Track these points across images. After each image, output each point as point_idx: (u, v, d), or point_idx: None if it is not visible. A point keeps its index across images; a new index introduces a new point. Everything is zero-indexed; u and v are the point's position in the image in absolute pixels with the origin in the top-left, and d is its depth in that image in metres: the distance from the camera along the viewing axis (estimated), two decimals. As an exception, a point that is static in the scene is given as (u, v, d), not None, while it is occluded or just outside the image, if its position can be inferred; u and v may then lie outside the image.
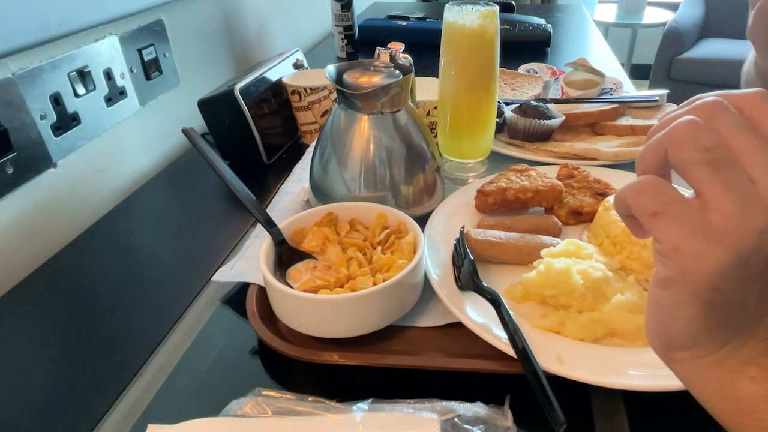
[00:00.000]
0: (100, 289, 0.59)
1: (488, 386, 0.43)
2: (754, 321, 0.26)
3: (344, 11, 1.32)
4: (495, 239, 0.55)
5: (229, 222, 0.69)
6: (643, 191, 0.26)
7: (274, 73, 0.87)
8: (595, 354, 0.44)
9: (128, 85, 0.78)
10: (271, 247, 0.52)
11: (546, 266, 0.48)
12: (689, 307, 0.26)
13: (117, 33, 0.76)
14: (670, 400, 0.39)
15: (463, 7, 0.65)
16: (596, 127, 0.86)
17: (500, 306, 0.46)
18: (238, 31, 1.12)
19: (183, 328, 0.53)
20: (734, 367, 0.27)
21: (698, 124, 0.25)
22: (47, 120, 0.65)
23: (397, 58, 0.62)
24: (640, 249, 0.52)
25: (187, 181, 0.82)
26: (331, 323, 0.47)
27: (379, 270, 0.50)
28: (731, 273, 0.24)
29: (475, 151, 0.74)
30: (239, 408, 0.41)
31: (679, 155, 0.25)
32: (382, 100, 0.58)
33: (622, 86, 0.98)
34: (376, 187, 0.59)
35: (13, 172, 0.61)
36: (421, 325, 0.50)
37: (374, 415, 0.40)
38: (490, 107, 0.71)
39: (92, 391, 0.46)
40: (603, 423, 0.41)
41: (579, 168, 0.69)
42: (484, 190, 0.63)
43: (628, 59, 3.34)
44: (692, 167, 0.25)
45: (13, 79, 0.60)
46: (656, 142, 0.26)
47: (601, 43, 1.45)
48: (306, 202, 0.69)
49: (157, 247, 0.67)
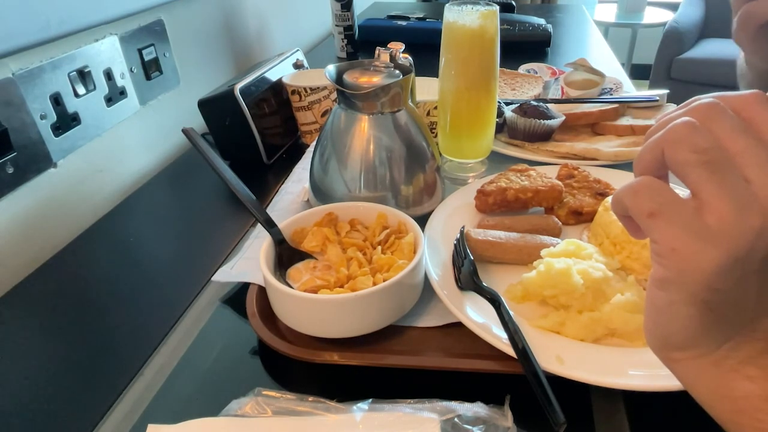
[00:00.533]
0: (100, 289, 0.59)
1: (488, 386, 0.43)
2: (752, 321, 0.27)
3: (344, 11, 1.32)
4: (495, 239, 0.55)
5: (229, 222, 0.69)
6: (640, 192, 0.26)
7: (274, 73, 0.87)
8: (595, 354, 0.44)
9: (128, 85, 0.78)
10: (271, 247, 0.52)
11: (546, 266, 0.48)
12: (686, 307, 0.26)
13: (117, 33, 0.76)
14: (670, 400, 0.39)
15: (463, 7, 0.65)
16: (596, 127, 0.86)
17: (500, 306, 0.46)
18: (238, 31, 1.12)
19: (183, 328, 0.53)
20: (732, 366, 0.27)
21: (695, 125, 0.25)
22: (47, 120, 0.65)
23: (397, 58, 0.62)
24: (640, 249, 0.52)
25: (187, 181, 0.82)
26: (331, 323, 0.47)
27: (379, 270, 0.50)
28: (728, 273, 0.24)
29: (475, 151, 0.74)
30: (239, 408, 0.41)
31: (676, 156, 0.25)
32: (382, 100, 0.58)
33: (622, 86, 0.98)
34: (376, 187, 0.59)
35: (13, 172, 0.61)
36: (421, 325, 0.50)
37: (374, 415, 0.40)
38: (490, 107, 0.71)
39: (92, 391, 0.46)
40: (603, 423, 0.41)
41: (579, 168, 0.69)
42: (484, 190, 0.63)
43: (628, 59, 3.34)
44: (688, 168, 0.25)
45: (13, 79, 0.60)
46: (653, 143, 0.26)
47: (601, 43, 1.45)
48: (306, 202, 0.69)
49: (157, 247, 0.67)
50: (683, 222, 0.25)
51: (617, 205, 0.28)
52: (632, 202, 0.26)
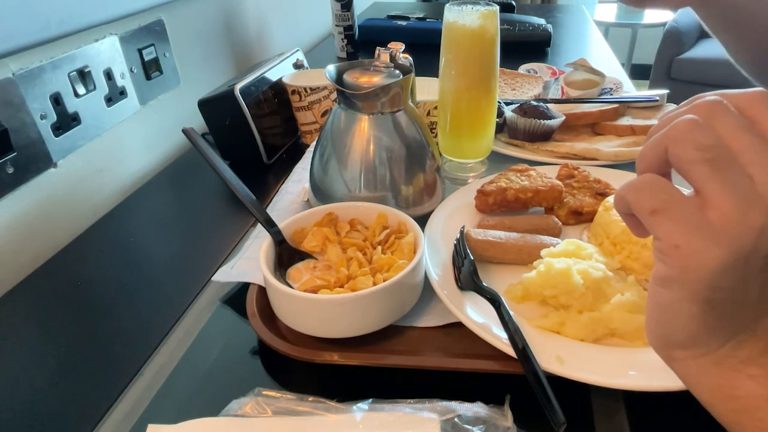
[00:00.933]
0: (100, 289, 0.59)
1: (488, 386, 0.43)
2: (754, 319, 0.27)
3: (344, 11, 1.32)
4: (495, 239, 0.55)
5: (229, 222, 0.69)
6: (643, 189, 0.26)
7: (274, 73, 0.87)
8: (595, 354, 0.44)
9: (128, 85, 0.78)
10: (271, 247, 0.52)
11: (546, 266, 0.48)
12: (689, 305, 0.26)
13: (117, 33, 0.76)
14: (670, 400, 0.39)
15: (463, 7, 0.65)
16: (596, 127, 0.86)
17: (500, 306, 0.46)
18: (238, 31, 1.12)
19: (183, 328, 0.53)
20: (734, 366, 0.27)
21: (698, 122, 0.25)
22: (47, 120, 0.65)
23: (397, 58, 0.62)
24: (640, 249, 0.52)
25: (187, 181, 0.82)
26: (331, 323, 0.47)
27: (379, 270, 0.50)
28: (730, 271, 0.24)
29: (475, 151, 0.74)
30: (239, 408, 0.41)
31: (679, 153, 0.25)
32: (382, 100, 0.58)
33: (622, 86, 0.98)
34: (376, 187, 0.59)
35: (13, 172, 0.61)
36: (421, 325, 0.50)
37: (374, 415, 0.40)
38: (490, 107, 0.71)
39: (92, 391, 0.46)
40: (603, 423, 0.41)
41: (579, 168, 0.69)
42: (484, 190, 0.63)
43: (628, 59, 3.34)
44: (692, 166, 0.25)
45: (14, 79, 0.60)
46: (656, 140, 0.26)
47: (601, 43, 1.45)
48: (306, 202, 0.69)
49: (157, 247, 0.67)
50: (686, 219, 0.25)
51: (620, 203, 0.28)
52: (635, 200, 0.26)
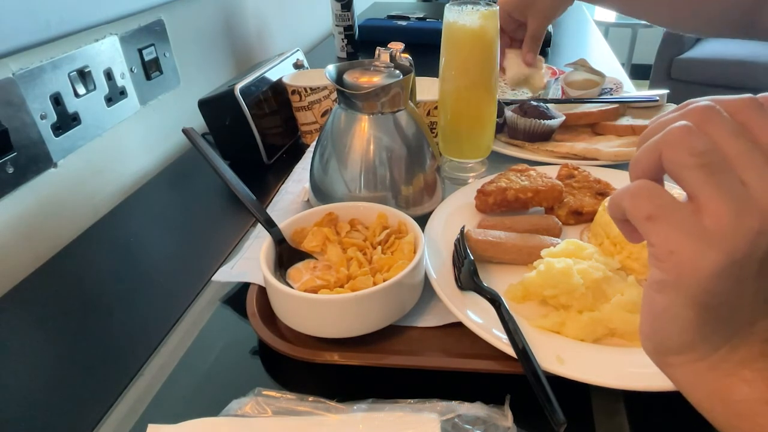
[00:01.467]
0: (100, 289, 0.59)
1: (488, 386, 0.43)
2: (749, 324, 0.27)
3: (344, 11, 1.32)
4: (495, 239, 0.55)
5: (229, 222, 0.69)
6: (638, 195, 0.26)
7: (274, 73, 0.87)
8: (595, 354, 0.44)
9: (128, 85, 0.78)
10: (271, 247, 0.52)
11: (546, 266, 0.48)
12: (684, 310, 0.26)
13: (117, 33, 0.76)
14: (670, 400, 0.39)
15: (463, 7, 0.65)
16: (596, 127, 0.86)
17: (500, 306, 0.46)
18: (238, 31, 1.12)
19: (183, 328, 0.53)
20: (729, 370, 0.27)
21: (692, 128, 0.25)
22: (47, 120, 0.65)
23: (397, 58, 0.62)
24: (640, 249, 0.52)
25: (187, 181, 0.82)
26: (331, 323, 0.47)
27: (379, 270, 0.50)
28: (725, 275, 0.24)
29: (475, 151, 0.74)
30: (239, 408, 0.41)
31: (674, 158, 0.25)
32: (382, 100, 0.58)
33: (622, 86, 0.98)
34: (376, 187, 0.59)
35: (13, 172, 0.61)
36: (421, 325, 0.50)
37: (374, 415, 0.40)
38: (490, 107, 0.71)
39: (92, 391, 0.46)
40: (603, 423, 0.41)
41: (579, 168, 0.69)
42: (484, 190, 0.63)
43: (628, 59, 3.33)
44: (686, 171, 0.25)
45: (14, 79, 0.60)
46: (651, 145, 0.26)
47: (601, 43, 1.45)
48: (306, 202, 0.69)
49: (157, 247, 0.67)
50: (681, 225, 0.25)
51: (614, 209, 0.28)
52: (630, 205, 0.26)
